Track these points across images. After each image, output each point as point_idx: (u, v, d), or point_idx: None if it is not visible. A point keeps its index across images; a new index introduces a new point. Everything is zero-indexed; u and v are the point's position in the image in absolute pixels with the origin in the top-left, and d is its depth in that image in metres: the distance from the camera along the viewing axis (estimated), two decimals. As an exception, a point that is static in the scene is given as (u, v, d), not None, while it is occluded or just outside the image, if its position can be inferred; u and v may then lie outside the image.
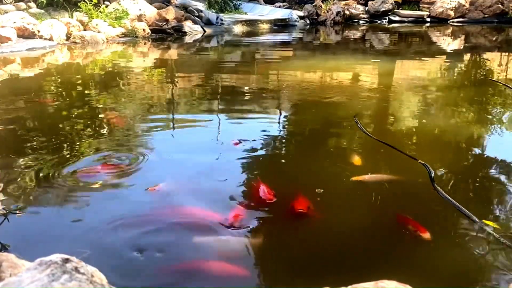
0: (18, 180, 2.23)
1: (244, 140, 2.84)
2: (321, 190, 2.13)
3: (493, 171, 2.48)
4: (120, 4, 9.23)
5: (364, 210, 2.03)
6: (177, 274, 1.57)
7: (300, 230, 1.87)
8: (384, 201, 2.12)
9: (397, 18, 12.41)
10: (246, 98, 4.31)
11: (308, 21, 12.19)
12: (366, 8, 12.53)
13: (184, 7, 10.40)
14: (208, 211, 1.95)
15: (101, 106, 3.80)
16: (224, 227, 1.80)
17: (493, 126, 3.36)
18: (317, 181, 2.28)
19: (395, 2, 12.50)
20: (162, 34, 9.18)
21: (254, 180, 2.26)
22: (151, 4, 9.91)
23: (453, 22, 11.96)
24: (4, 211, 1.91)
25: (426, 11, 12.42)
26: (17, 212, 1.92)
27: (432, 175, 2.28)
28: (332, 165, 2.53)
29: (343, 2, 12.68)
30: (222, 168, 2.47)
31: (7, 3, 8.62)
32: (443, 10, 11.97)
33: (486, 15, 11.88)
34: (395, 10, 12.52)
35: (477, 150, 2.88)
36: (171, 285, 1.50)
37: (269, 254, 1.70)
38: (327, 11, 12.25)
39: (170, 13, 9.61)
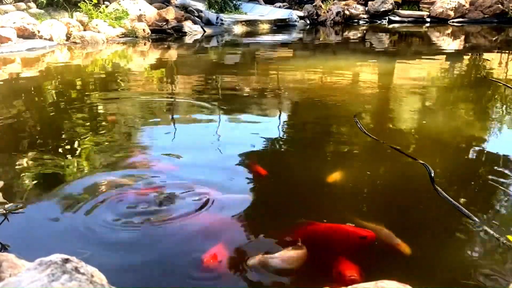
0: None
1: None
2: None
3: (493, 171, 2.48)
4: (120, 4, 9.23)
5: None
6: None
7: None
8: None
9: (397, 18, 12.40)
10: (246, 98, 4.30)
11: (308, 21, 12.19)
12: (366, 8, 12.52)
13: (184, 7, 10.40)
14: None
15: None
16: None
17: (492, 126, 3.35)
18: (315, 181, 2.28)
19: (395, 2, 12.48)
20: (162, 34, 9.17)
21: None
22: (151, 4, 9.90)
23: (453, 22, 11.96)
24: (4, 211, 1.90)
25: (426, 11, 12.41)
26: (17, 212, 1.92)
27: (433, 175, 2.28)
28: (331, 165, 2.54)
29: (343, 2, 12.67)
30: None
31: (7, 3, 8.61)
32: (443, 10, 11.97)
33: (486, 15, 11.87)
34: (395, 10, 12.50)
35: (476, 150, 2.88)
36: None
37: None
38: (327, 11, 12.24)
39: (170, 13, 9.61)
